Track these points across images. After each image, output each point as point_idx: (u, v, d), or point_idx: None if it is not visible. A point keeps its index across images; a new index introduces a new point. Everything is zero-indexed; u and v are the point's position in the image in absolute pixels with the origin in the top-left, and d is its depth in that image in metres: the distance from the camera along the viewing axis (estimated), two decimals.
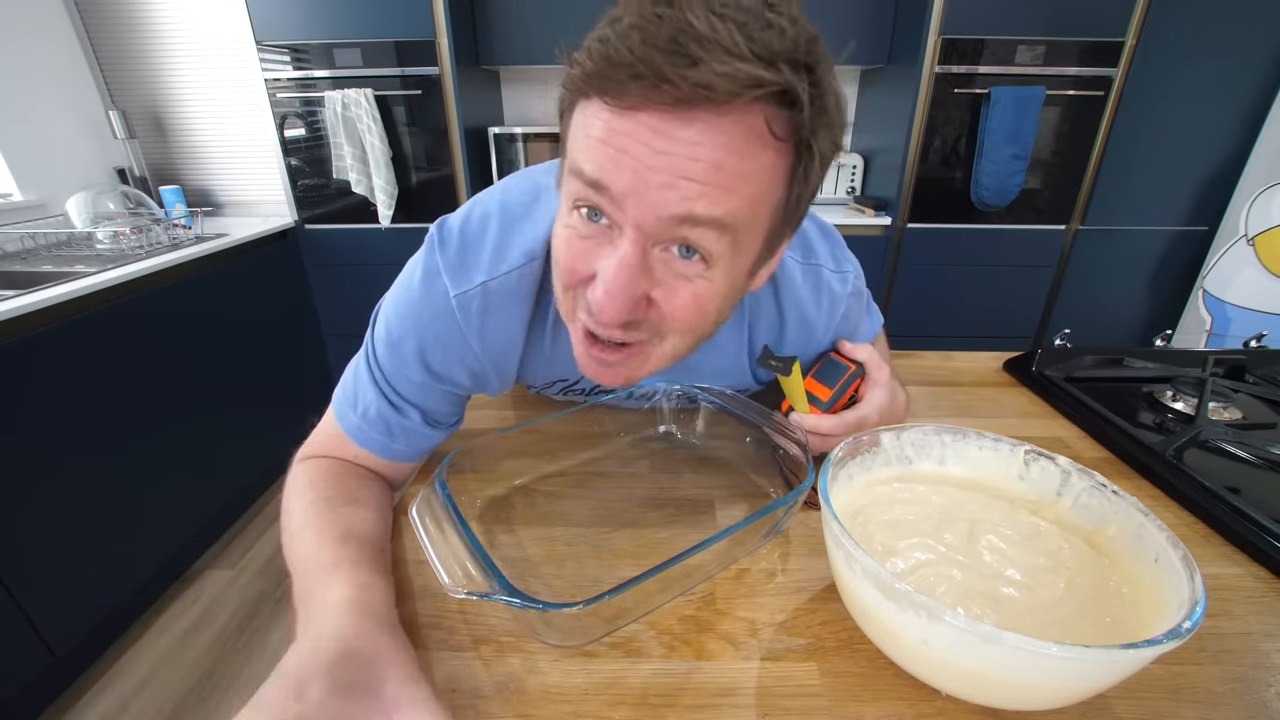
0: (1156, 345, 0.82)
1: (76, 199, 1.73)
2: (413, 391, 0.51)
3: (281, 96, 1.88)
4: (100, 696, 1.28)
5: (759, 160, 0.33)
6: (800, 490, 0.43)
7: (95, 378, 1.32)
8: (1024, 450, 0.43)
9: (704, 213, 0.33)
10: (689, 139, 0.32)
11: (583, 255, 0.37)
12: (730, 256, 0.37)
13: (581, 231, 0.37)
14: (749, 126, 0.32)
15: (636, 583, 0.35)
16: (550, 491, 0.54)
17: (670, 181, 0.32)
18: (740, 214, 0.35)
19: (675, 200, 0.33)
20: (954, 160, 1.91)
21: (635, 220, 0.34)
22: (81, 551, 1.28)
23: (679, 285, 0.37)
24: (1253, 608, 0.41)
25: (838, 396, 0.53)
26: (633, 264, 0.35)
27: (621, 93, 0.31)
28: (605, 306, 0.36)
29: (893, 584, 0.30)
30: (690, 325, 0.40)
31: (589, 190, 0.35)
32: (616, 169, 0.33)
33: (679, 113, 0.31)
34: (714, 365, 0.58)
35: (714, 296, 0.38)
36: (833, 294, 0.55)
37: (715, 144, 0.32)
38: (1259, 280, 1.87)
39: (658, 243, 0.35)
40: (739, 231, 0.35)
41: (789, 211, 0.38)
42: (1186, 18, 1.71)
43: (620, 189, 0.33)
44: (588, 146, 0.34)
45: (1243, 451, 0.58)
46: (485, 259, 0.47)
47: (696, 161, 0.32)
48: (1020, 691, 0.30)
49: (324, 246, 2.05)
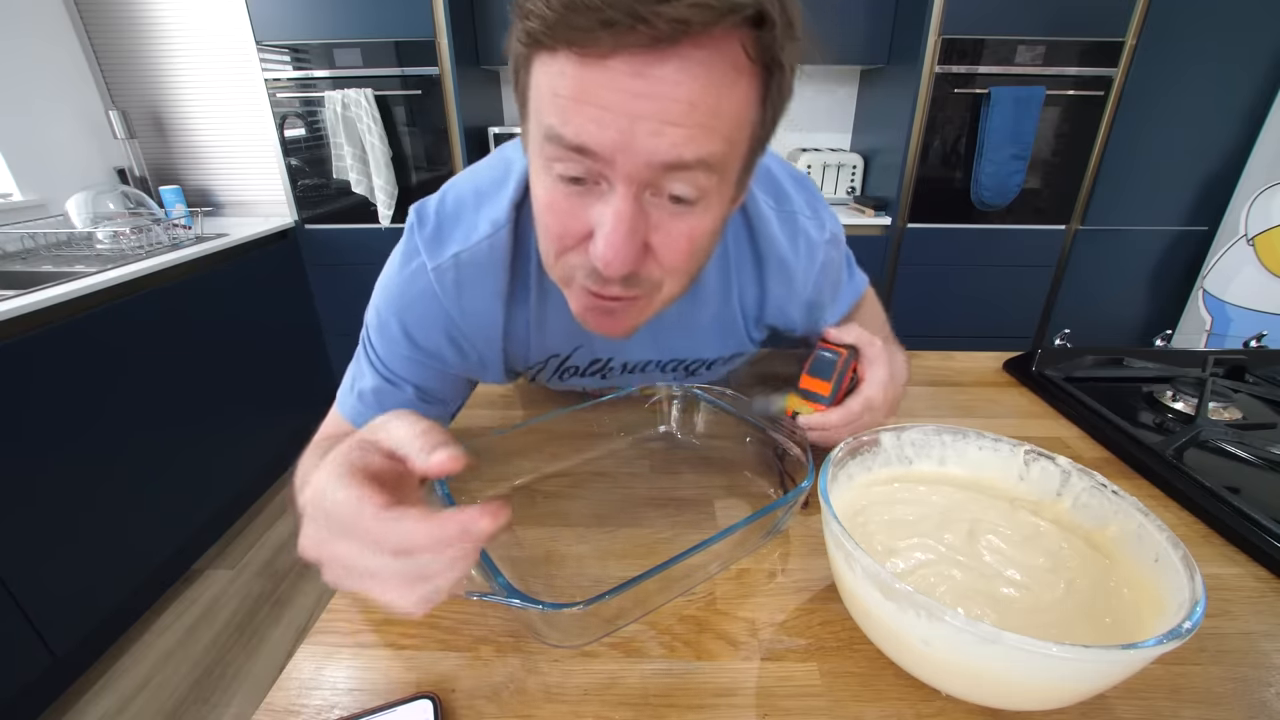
0: (1156, 345, 0.82)
1: (76, 199, 1.73)
2: (405, 368, 0.51)
3: (281, 96, 1.88)
4: (100, 696, 1.28)
5: (736, 89, 0.33)
6: (800, 490, 0.43)
7: (95, 378, 1.32)
8: (1024, 450, 0.43)
9: (692, 157, 0.33)
10: (668, 77, 0.30)
11: (572, 215, 0.37)
12: (718, 189, 0.37)
13: (566, 192, 0.36)
14: (725, 55, 0.31)
15: (636, 583, 0.35)
16: (550, 491, 0.54)
17: (657, 129, 0.31)
18: (724, 149, 0.34)
19: (664, 148, 0.32)
20: (954, 160, 1.91)
21: (626, 174, 0.33)
22: (81, 552, 1.28)
23: (673, 226, 0.37)
24: (1253, 608, 0.41)
25: (838, 387, 0.51)
26: (629, 214, 0.35)
27: (591, 42, 0.30)
28: (610, 259, 0.35)
29: (893, 584, 0.30)
30: (685, 265, 0.40)
31: (571, 155, 0.33)
32: (599, 129, 0.32)
33: (655, 52, 0.30)
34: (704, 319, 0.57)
35: (705, 233, 0.38)
36: (810, 240, 0.55)
37: (695, 79, 0.31)
38: (1259, 280, 1.87)
39: (649, 188, 0.35)
40: (724, 164, 0.35)
41: (765, 131, 0.38)
42: (1186, 18, 1.71)
43: (606, 149, 0.32)
44: (561, 108, 0.32)
45: (1243, 451, 0.58)
46: (458, 234, 0.48)
47: (678, 102, 0.31)
48: (1020, 691, 0.30)
49: (324, 246, 2.05)
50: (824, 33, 1.95)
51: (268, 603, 1.52)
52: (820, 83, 2.26)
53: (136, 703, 1.26)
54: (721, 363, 0.64)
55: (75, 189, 1.76)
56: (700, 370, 0.64)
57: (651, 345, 0.59)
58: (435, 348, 0.51)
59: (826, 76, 2.25)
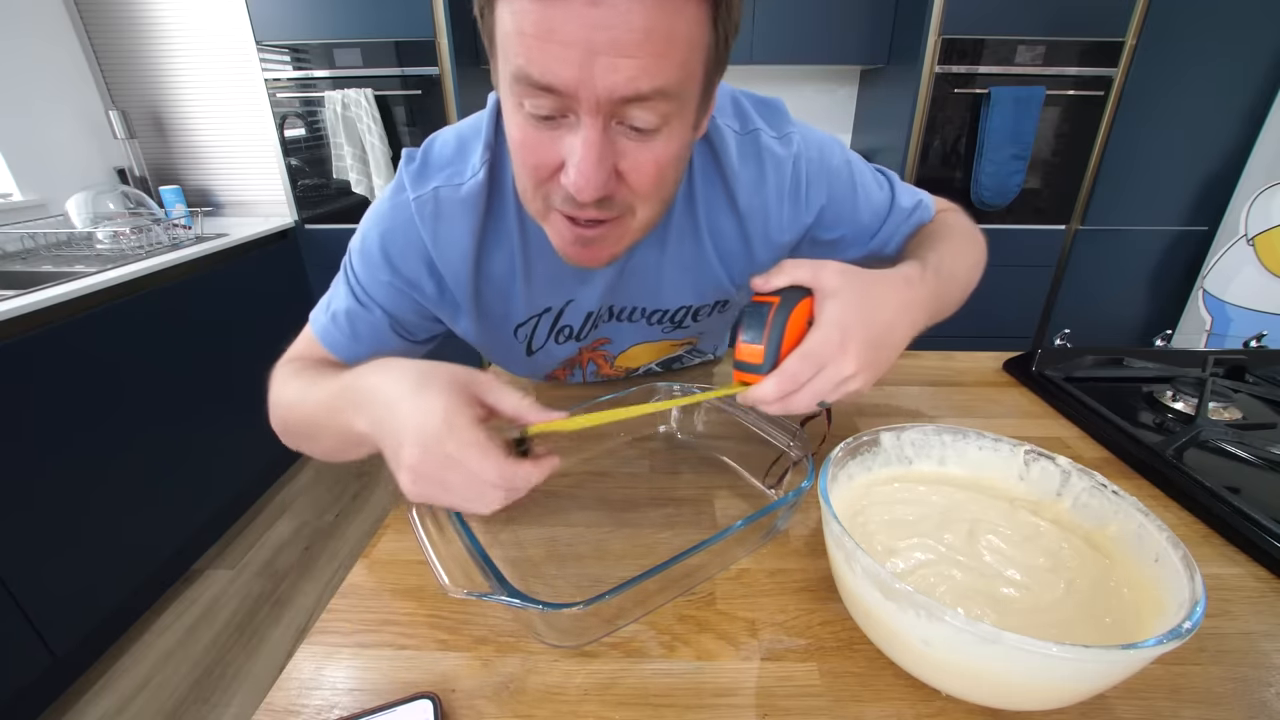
0: (1156, 345, 0.82)
1: (76, 199, 1.73)
2: (381, 293, 0.53)
3: (281, 96, 1.88)
4: (100, 696, 1.28)
5: (685, 12, 0.34)
6: (800, 490, 0.43)
7: (95, 378, 1.32)
8: (1024, 450, 0.43)
9: (648, 88, 0.35)
10: (621, 5, 0.32)
11: (542, 147, 0.39)
12: (679, 114, 0.39)
13: (538, 127, 0.38)
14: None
15: (636, 583, 0.35)
16: (550, 491, 0.54)
17: (613, 63, 0.33)
18: (679, 75, 0.36)
19: (621, 82, 0.34)
20: (954, 160, 1.91)
21: (590, 106, 0.35)
22: (81, 552, 1.28)
23: (640, 153, 0.39)
24: (1253, 608, 0.41)
25: (775, 344, 0.40)
26: (598, 142, 0.37)
27: None
28: (582, 186, 0.38)
29: (893, 584, 0.30)
30: (655, 191, 0.42)
31: (539, 93, 0.35)
32: (562, 65, 0.33)
33: None
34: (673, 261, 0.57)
35: (671, 158, 0.40)
36: (775, 157, 0.54)
37: (646, 7, 0.32)
38: (1259, 280, 1.87)
39: (613, 117, 0.37)
40: (682, 88, 0.37)
41: (719, 54, 0.39)
42: (1186, 18, 1.71)
43: (570, 85, 0.34)
44: (526, 46, 0.34)
45: (1243, 451, 0.58)
46: (441, 172, 0.50)
47: (633, 30, 0.33)
48: (1020, 691, 0.30)
49: (324, 246, 2.06)
50: (824, 33, 1.95)
51: (268, 603, 1.52)
52: (820, 83, 2.26)
53: (136, 703, 1.26)
54: (705, 310, 0.62)
55: (75, 189, 1.76)
56: (686, 321, 0.63)
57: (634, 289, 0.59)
58: (413, 275, 0.52)
59: (826, 76, 2.25)
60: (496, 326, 0.59)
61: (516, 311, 0.58)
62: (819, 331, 0.39)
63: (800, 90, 2.27)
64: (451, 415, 0.35)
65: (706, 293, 0.60)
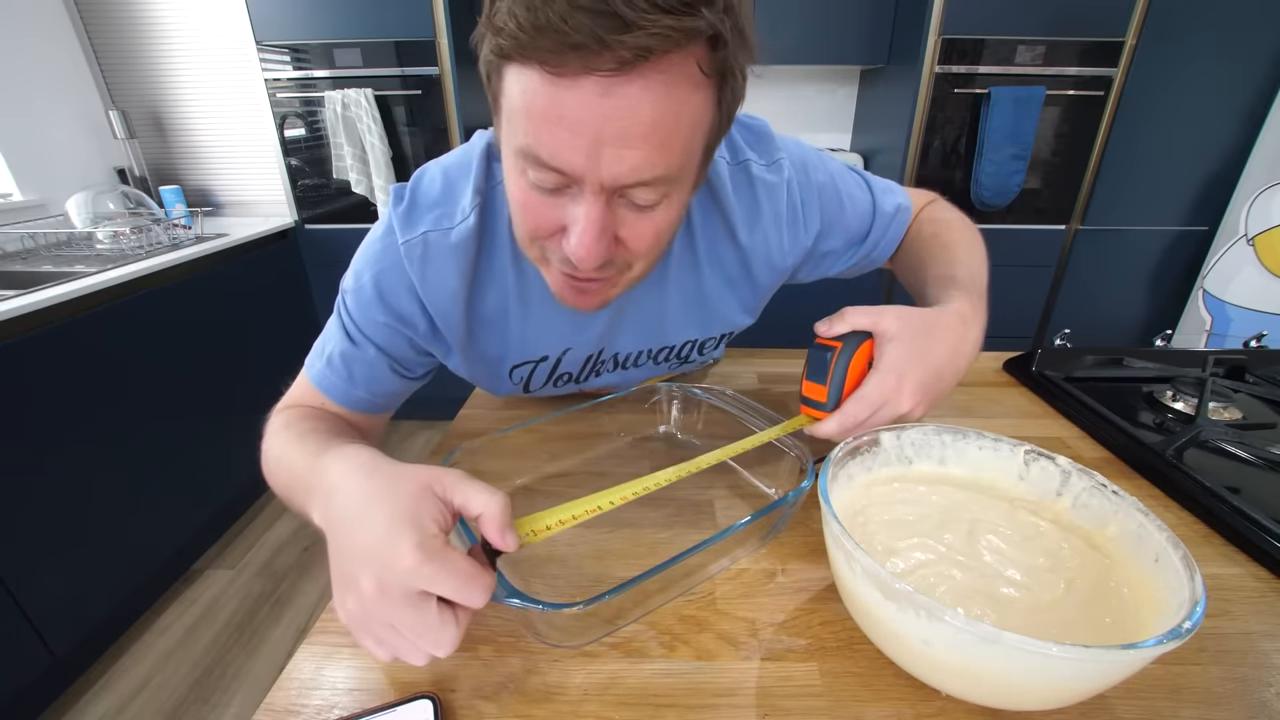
0: (1156, 345, 0.82)
1: (76, 199, 1.73)
2: (377, 332, 0.53)
3: (281, 96, 1.88)
4: (100, 696, 1.28)
5: (693, 103, 0.35)
6: (800, 490, 0.43)
7: (95, 378, 1.32)
8: (1024, 450, 0.43)
9: (650, 176, 0.36)
10: (632, 96, 0.33)
11: (545, 211, 0.40)
12: (679, 188, 0.40)
13: (540, 195, 0.39)
14: (683, 73, 0.34)
15: (636, 583, 0.35)
16: (550, 491, 0.54)
17: (619, 155, 0.34)
18: (681, 162, 0.37)
19: (626, 172, 0.35)
20: (954, 160, 1.91)
21: (593, 187, 0.36)
22: (81, 552, 1.28)
23: (641, 222, 0.40)
24: (1253, 608, 0.41)
25: (839, 385, 0.45)
26: (600, 218, 0.38)
27: (560, 63, 0.32)
28: (583, 257, 0.39)
29: (893, 584, 0.30)
30: (653, 251, 0.44)
31: (544, 171, 0.36)
32: (571, 152, 0.34)
33: (621, 73, 0.32)
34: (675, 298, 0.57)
35: (670, 223, 0.42)
36: (768, 185, 0.55)
37: (655, 98, 0.33)
38: (1259, 280, 1.87)
39: (615, 194, 0.38)
40: (684, 170, 0.39)
41: (720, 129, 0.41)
42: (1186, 18, 1.71)
43: (576, 169, 0.35)
44: (535, 128, 0.35)
45: (1243, 451, 0.58)
46: (430, 214, 0.50)
47: (640, 123, 0.33)
48: (1020, 691, 0.30)
49: (324, 246, 2.05)
50: (824, 33, 1.95)
51: (268, 603, 1.52)
52: (820, 83, 2.26)
53: (136, 703, 1.26)
54: (711, 343, 0.63)
55: (75, 189, 1.76)
56: (692, 355, 0.64)
57: (635, 334, 0.59)
58: (407, 313, 0.52)
59: (826, 76, 2.25)
60: (491, 366, 0.59)
61: (511, 352, 0.58)
62: (877, 375, 0.44)
63: (800, 90, 2.27)
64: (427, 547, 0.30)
65: (711, 325, 0.61)
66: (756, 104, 2.23)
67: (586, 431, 0.59)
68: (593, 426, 0.59)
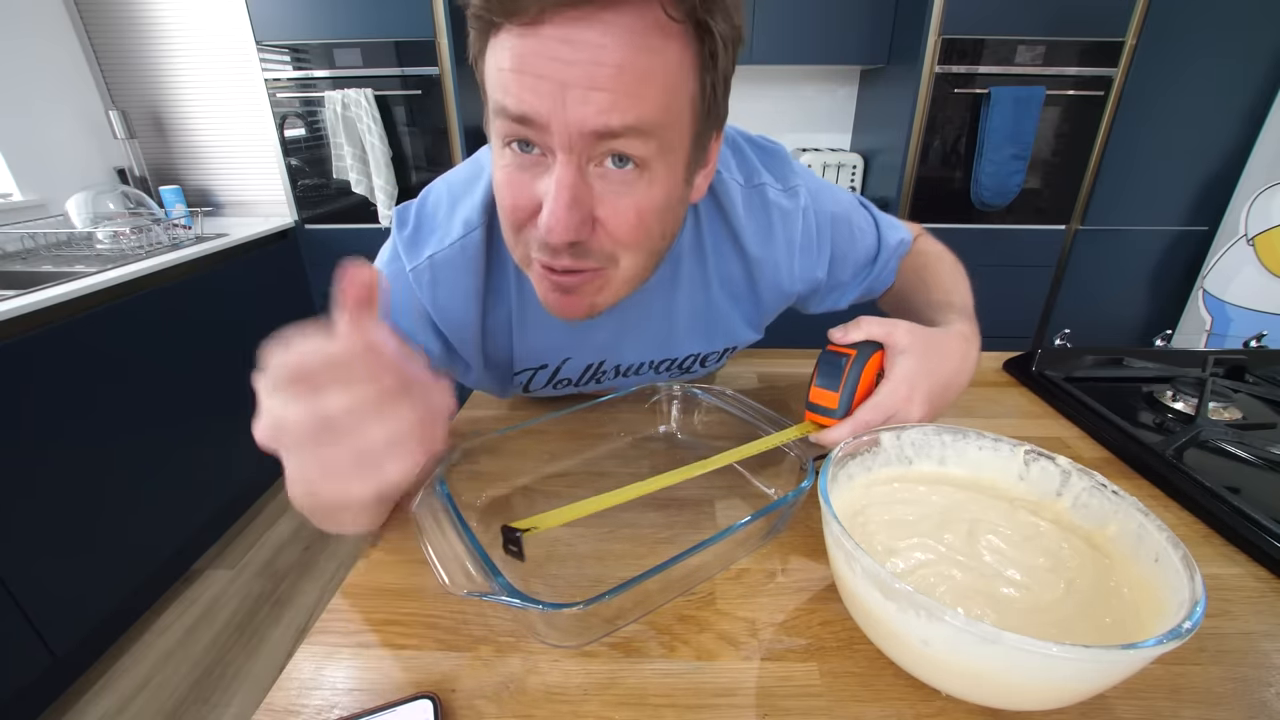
0: (1156, 345, 0.82)
1: (76, 199, 1.73)
2: None
3: (281, 96, 1.88)
4: (100, 696, 1.28)
5: (664, 54, 0.35)
6: (800, 490, 0.43)
7: (95, 378, 1.32)
8: (1024, 450, 0.42)
9: (619, 124, 0.35)
10: (594, 41, 0.33)
11: (522, 188, 0.39)
12: (661, 158, 0.38)
13: (517, 164, 0.38)
14: (647, 18, 0.33)
15: (636, 583, 0.35)
16: (550, 491, 0.54)
17: (584, 96, 0.34)
18: (656, 115, 0.36)
19: (591, 115, 0.34)
20: (954, 160, 1.91)
21: (562, 142, 0.35)
22: (81, 551, 1.28)
23: (619, 199, 0.38)
24: (1253, 608, 0.41)
25: (850, 392, 0.46)
26: (571, 182, 0.37)
27: (521, 8, 0.32)
28: (553, 226, 0.37)
29: (893, 584, 0.30)
30: (638, 240, 0.41)
31: (516, 125, 0.36)
32: (535, 96, 0.34)
33: (581, 13, 0.32)
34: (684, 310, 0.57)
35: (654, 206, 0.40)
36: (783, 211, 0.54)
37: (619, 42, 0.33)
38: (1259, 280, 1.87)
39: (590, 159, 0.37)
40: (662, 131, 0.37)
41: (708, 104, 0.39)
42: (1186, 18, 1.71)
43: (542, 114, 0.35)
44: (504, 81, 0.35)
45: (1243, 451, 0.58)
46: (434, 235, 0.49)
47: (604, 66, 0.33)
48: (1020, 691, 0.30)
49: (324, 246, 2.06)
50: (824, 33, 1.95)
51: (268, 603, 1.52)
52: (820, 83, 2.26)
53: (136, 703, 1.26)
54: (714, 357, 0.64)
55: (75, 189, 1.76)
56: (694, 367, 0.64)
57: (637, 344, 0.59)
58: (422, 341, 0.52)
59: (826, 76, 2.25)
60: (501, 373, 0.59)
61: (516, 361, 0.58)
62: (889, 385, 0.45)
63: (800, 90, 2.27)
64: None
65: (716, 339, 0.61)
66: (757, 104, 2.23)
67: (586, 431, 0.59)
68: (593, 426, 0.59)
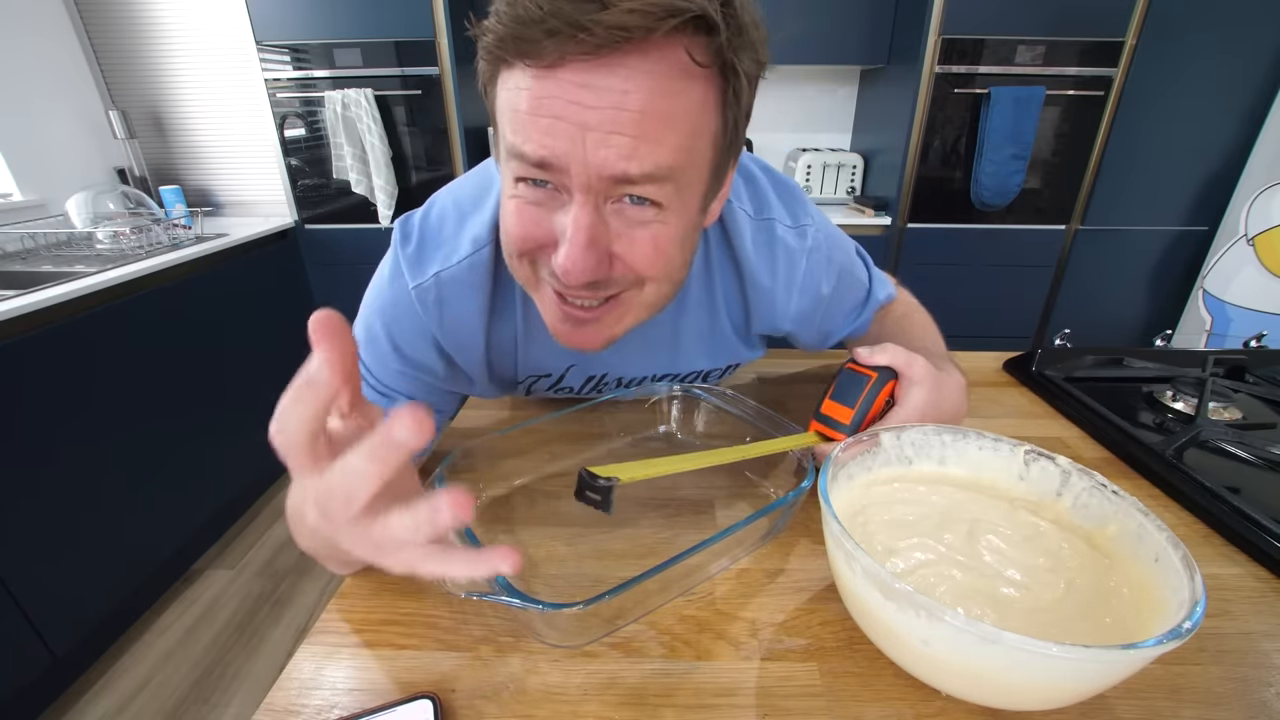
0: (1156, 345, 0.82)
1: (76, 199, 1.73)
2: (396, 380, 0.51)
3: (281, 96, 1.88)
4: (100, 696, 1.28)
5: (688, 96, 0.34)
6: (800, 490, 0.43)
7: (95, 378, 1.32)
8: (1024, 450, 0.42)
9: (637, 171, 0.34)
10: (616, 86, 0.31)
11: (535, 222, 0.38)
12: (679, 197, 0.37)
13: (530, 199, 0.37)
14: (672, 62, 0.32)
15: (636, 583, 0.35)
16: (550, 491, 0.54)
17: (604, 139, 0.33)
18: (676, 158, 0.35)
19: (612, 159, 0.33)
20: (954, 160, 1.91)
21: (581, 184, 0.35)
22: (82, 551, 1.28)
23: (636, 234, 0.38)
24: (1253, 608, 0.41)
25: (863, 412, 0.47)
26: (590, 223, 0.36)
27: (539, 52, 0.31)
28: (570, 269, 0.37)
29: (893, 584, 0.30)
30: (658, 271, 0.40)
31: (533, 169, 0.35)
32: (553, 140, 0.33)
33: (602, 60, 0.31)
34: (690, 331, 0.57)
35: (672, 239, 0.39)
36: (789, 249, 0.54)
37: (642, 87, 0.32)
38: (1259, 280, 1.87)
39: (607, 198, 0.36)
40: (681, 173, 0.36)
41: (728, 140, 0.39)
42: (1186, 18, 1.71)
43: (560, 159, 0.34)
44: (520, 123, 0.34)
45: (1243, 451, 0.58)
46: (440, 252, 0.48)
47: (625, 111, 0.32)
48: (1020, 691, 0.30)
49: (324, 246, 2.05)
50: (823, 33, 1.95)
51: (268, 603, 1.52)
52: (820, 83, 2.26)
53: (136, 703, 1.26)
54: (716, 374, 0.64)
55: (75, 189, 1.76)
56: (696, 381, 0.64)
57: (642, 359, 0.59)
58: (424, 360, 0.51)
59: (826, 76, 2.25)
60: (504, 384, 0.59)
61: (520, 372, 0.58)
62: (903, 412, 0.47)
63: (800, 90, 2.27)
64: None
65: (720, 358, 0.61)
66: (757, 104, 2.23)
67: (586, 431, 0.59)
68: (593, 426, 0.59)
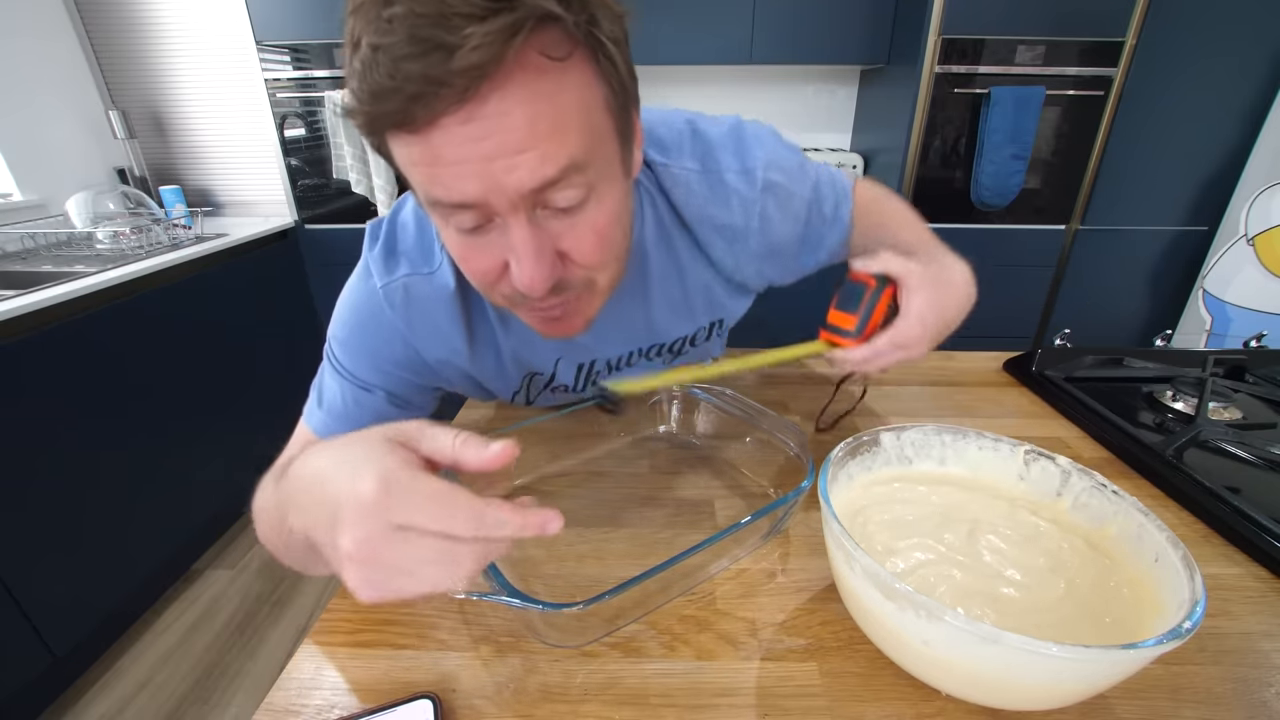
0: (1156, 345, 0.82)
1: (76, 199, 1.73)
2: (373, 375, 0.52)
3: (281, 96, 1.88)
4: (100, 696, 1.28)
5: (564, 87, 0.33)
6: (800, 490, 0.43)
7: (95, 378, 1.32)
8: (1024, 450, 0.43)
9: (554, 171, 0.34)
10: (497, 113, 0.31)
11: (481, 254, 0.38)
12: (600, 173, 0.38)
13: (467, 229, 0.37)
14: (535, 68, 0.32)
15: (636, 583, 0.35)
16: (550, 491, 0.54)
17: (509, 163, 0.33)
18: (581, 145, 0.35)
19: (525, 177, 0.33)
20: (954, 160, 1.91)
21: (506, 207, 0.35)
22: (81, 552, 1.28)
23: (578, 226, 0.38)
24: (1253, 608, 0.41)
25: (866, 318, 0.48)
26: (532, 235, 0.36)
27: (410, 120, 0.31)
28: (528, 284, 0.37)
29: (892, 584, 0.30)
30: (606, 256, 0.41)
31: (457, 213, 0.35)
32: (464, 183, 0.33)
33: (472, 100, 0.31)
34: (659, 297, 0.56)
35: (610, 219, 0.39)
36: (741, 197, 0.53)
37: (521, 102, 0.31)
38: (1259, 280, 1.87)
39: (537, 205, 0.36)
40: (591, 153, 0.36)
41: (620, 100, 0.38)
42: (1186, 18, 1.71)
43: (478, 196, 0.34)
44: (425, 176, 0.34)
45: (1243, 451, 0.58)
46: (406, 256, 0.49)
47: (515, 130, 0.32)
48: (1020, 691, 0.30)
49: (324, 246, 2.05)
50: (824, 33, 1.95)
51: (268, 603, 1.52)
52: (820, 83, 2.26)
53: (136, 703, 1.26)
54: (704, 334, 0.63)
55: (75, 189, 1.76)
56: (685, 349, 0.63)
57: (623, 337, 0.58)
58: (398, 356, 0.51)
59: (826, 76, 2.24)
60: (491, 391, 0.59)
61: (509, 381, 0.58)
62: (906, 320, 0.46)
63: (800, 90, 2.27)
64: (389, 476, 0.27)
65: (700, 316, 0.60)
66: (757, 104, 2.23)
67: (586, 431, 0.59)
68: (593, 426, 0.59)
